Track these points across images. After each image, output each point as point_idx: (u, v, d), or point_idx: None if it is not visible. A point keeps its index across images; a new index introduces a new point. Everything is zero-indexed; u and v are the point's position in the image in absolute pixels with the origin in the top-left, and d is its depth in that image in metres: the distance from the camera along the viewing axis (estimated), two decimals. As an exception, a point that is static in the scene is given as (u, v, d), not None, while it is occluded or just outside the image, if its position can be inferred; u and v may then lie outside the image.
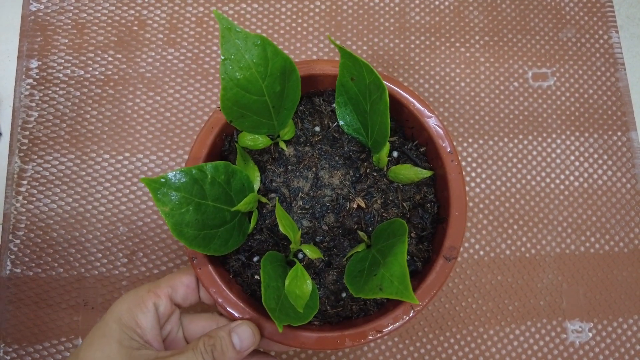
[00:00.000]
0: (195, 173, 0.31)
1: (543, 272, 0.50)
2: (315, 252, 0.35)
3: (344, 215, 0.37)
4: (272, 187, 0.38)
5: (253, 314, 0.34)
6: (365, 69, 0.32)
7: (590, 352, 0.49)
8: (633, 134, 0.54)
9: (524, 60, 0.55)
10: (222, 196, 0.32)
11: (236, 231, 0.34)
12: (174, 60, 0.54)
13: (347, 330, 0.34)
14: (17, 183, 0.50)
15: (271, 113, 0.35)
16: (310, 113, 0.40)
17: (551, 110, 0.54)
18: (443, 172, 0.37)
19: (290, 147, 0.39)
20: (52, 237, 0.49)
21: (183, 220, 0.30)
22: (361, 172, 0.38)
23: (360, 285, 0.32)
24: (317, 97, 0.41)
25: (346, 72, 0.34)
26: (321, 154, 0.39)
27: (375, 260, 0.33)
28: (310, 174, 0.38)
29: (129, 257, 0.49)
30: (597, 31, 0.56)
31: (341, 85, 0.36)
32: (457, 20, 0.56)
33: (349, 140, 0.39)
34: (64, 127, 0.52)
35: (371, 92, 0.33)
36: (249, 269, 0.37)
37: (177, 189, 0.30)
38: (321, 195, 0.38)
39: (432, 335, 0.48)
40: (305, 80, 0.38)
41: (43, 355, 0.47)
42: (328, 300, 0.37)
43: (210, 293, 0.34)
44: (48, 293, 0.48)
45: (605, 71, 0.55)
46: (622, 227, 0.51)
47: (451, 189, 0.36)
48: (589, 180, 0.52)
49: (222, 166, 0.32)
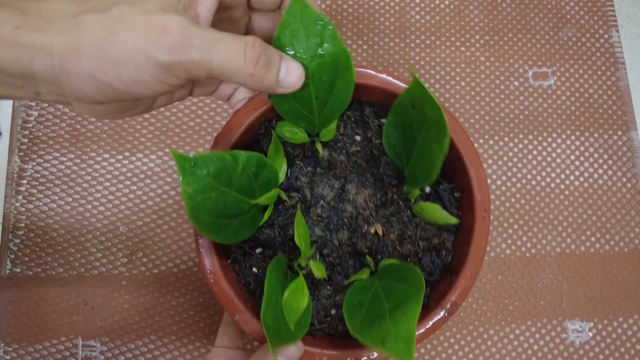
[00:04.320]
0: (227, 160, 0.29)
1: (543, 272, 0.50)
2: (320, 271, 0.34)
3: (357, 236, 0.36)
4: (295, 185, 0.37)
5: (243, 308, 0.34)
6: (431, 105, 0.29)
7: (591, 352, 0.49)
8: (633, 134, 0.53)
9: (524, 59, 0.55)
10: (247, 188, 0.31)
11: (248, 223, 0.33)
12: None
13: (328, 349, 0.34)
14: (17, 182, 0.50)
15: (313, 105, 0.33)
16: (355, 120, 0.39)
17: (551, 109, 0.54)
18: (469, 227, 0.35)
19: (325, 150, 0.37)
20: (52, 237, 0.49)
21: (203, 205, 0.28)
22: (388, 197, 0.37)
23: (357, 321, 0.30)
24: (369, 106, 0.39)
25: (409, 97, 0.32)
26: (355, 167, 0.37)
27: (378, 296, 0.31)
28: (338, 184, 0.37)
29: (128, 257, 0.49)
30: (597, 30, 0.56)
31: (399, 106, 0.34)
32: (457, 20, 0.56)
33: (387, 163, 0.37)
34: (63, 127, 0.52)
35: (429, 129, 0.31)
36: (248, 259, 0.37)
37: (206, 173, 0.28)
38: (342, 210, 0.36)
39: (432, 335, 0.48)
40: (361, 87, 0.36)
41: (43, 355, 0.47)
42: (317, 315, 0.36)
43: (205, 276, 0.34)
44: (48, 293, 0.48)
45: (605, 70, 0.55)
46: (622, 226, 0.51)
47: (472, 248, 0.34)
48: (589, 180, 0.52)
49: (255, 158, 0.31)
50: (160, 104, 0.33)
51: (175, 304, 0.48)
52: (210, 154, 0.28)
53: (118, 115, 0.31)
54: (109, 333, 0.48)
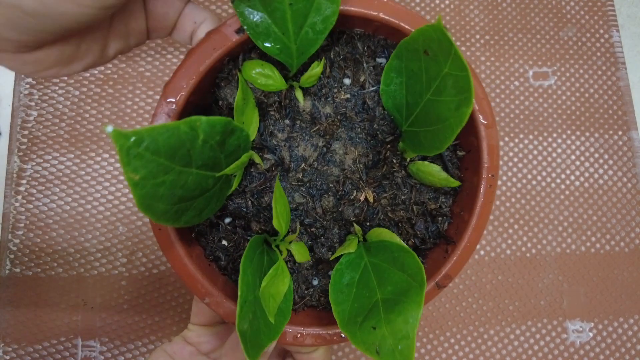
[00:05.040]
0: (183, 132, 0.22)
1: (544, 272, 0.50)
2: (303, 254, 0.30)
3: (344, 203, 0.31)
4: (270, 144, 0.31)
5: (213, 290, 0.30)
6: (453, 59, 0.23)
7: (591, 352, 0.48)
8: (634, 134, 0.53)
9: (524, 59, 0.55)
10: (210, 161, 0.25)
11: (215, 198, 0.27)
12: (174, 60, 0.54)
13: (310, 326, 0.30)
14: (17, 182, 0.50)
15: (287, 17, 0.26)
16: (345, 59, 0.31)
17: (552, 109, 0.54)
18: (472, 193, 0.31)
19: (307, 99, 0.31)
20: (52, 237, 0.49)
21: (156, 193, 0.22)
22: (380, 156, 0.32)
23: (346, 310, 0.27)
24: (362, 40, 0.31)
25: (422, 41, 0.25)
26: (343, 120, 0.31)
27: (368, 276, 0.28)
28: (322, 141, 0.31)
29: (128, 257, 0.49)
30: (597, 30, 0.56)
31: (406, 48, 0.27)
32: (457, 19, 0.56)
33: (383, 117, 0.31)
34: (63, 127, 0.52)
35: (445, 86, 0.24)
36: (217, 231, 0.32)
37: (155, 152, 0.21)
38: (327, 173, 0.31)
39: (432, 335, 0.48)
40: (354, 16, 0.29)
41: (42, 355, 0.47)
42: (298, 290, 0.32)
43: (169, 260, 0.30)
44: (47, 293, 0.48)
45: (606, 70, 0.55)
46: (622, 226, 0.51)
47: (474, 216, 0.30)
48: (589, 180, 0.52)
49: (220, 124, 0.24)
50: (115, 50, 0.27)
51: (175, 304, 0.48)
52: (159, 127, 0.21)
53: (63, 69, 0.25)
54: (109, 333, 0.47)
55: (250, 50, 0.31)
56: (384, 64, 0.31)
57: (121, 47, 0.28)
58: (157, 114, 0.29)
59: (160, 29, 0.30)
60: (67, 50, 0.24)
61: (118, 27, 0.27)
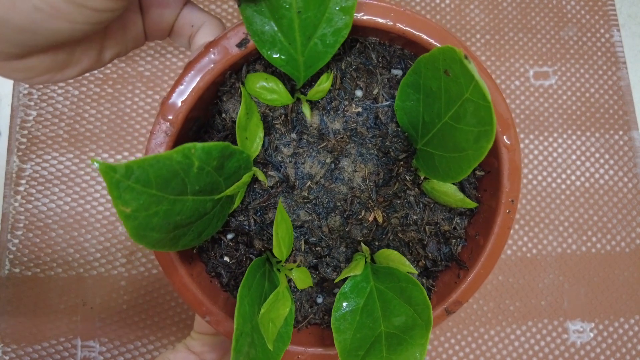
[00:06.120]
0: (176, 161, 0.21)
1: (544, 272, 0.50)
2: (304, 280, 0.29)
3: (352, 223, 0.30)
4: (274, 160, 0.29)
5: (213, 308, 0.29)
6: (475, 88, 0.21)
7: (592, 353, 0.48)
8: (635, 133, 0.53)
9: (525, 58, 0.55)
10: (208, 186, 0.24)
11: (215, 219, 0.26)
12: (173, 59, 0.54)
13: (312, 346, 0.30)
14: (16, 182, 0.50)
15: (294, 25, 0.24)
16: (357, 69, 0.29)
17: (552, 109, 0.54)
18: (489, 216, 0.29)
19: (315, 113, 0.29)
20: (51, 237, 0.49)
21: (149, 224, 0.21)
22: (392, 174, 0.30)
23: (347, 339, 0.26)
24: (377, 50, 0.29)
25: (442, 59, 0.23)
26: (353, 135, 0.29)
27: (373, 304, 0.27)
28: (330, 158, 0.29)
29: (127, 257, 0.49)
30: (598, 30, 0.56)
31: (426, 65, 0.25)
32: (457, 19, 0.56)
33: (396, 134, 0.29)
34: (62, 126, 0.51)
35: (465, 112, 0.23)
36: (219, 247, 0.31)
37: (146, 184, 0.20)
38: (334, 191, 0.30)
39: (433, 336, 0.48)
40: (369, 26, 0.27)
41: (42, 356, 0.47)
42: (302, 309, 0.31)
43: (169, 278, 0.29)
44: (47, 293, 0.48)
45: (606, 70, 0.55)
46: (623, 226, 0.51)
47: (489, 240, 0.29)
48: (590, 180, 0.52)
49: (217, 150, 0.23)
50: (111, 54, 0.26)
51: (175, 304, 0.48)
52: (150, 158, 0.20)
53: (56, 75, 0.23)
54: (108, 333, 0.47)
55: (254, 61, 0.29)
56: (399, 76, 0.30)
57: (118, 51, 0.27)
58: (154, 132, 0.27)
59: (157, 32, 0.29)
60: (61, 56, 0.23)
61: (114, 31, 0.26)
